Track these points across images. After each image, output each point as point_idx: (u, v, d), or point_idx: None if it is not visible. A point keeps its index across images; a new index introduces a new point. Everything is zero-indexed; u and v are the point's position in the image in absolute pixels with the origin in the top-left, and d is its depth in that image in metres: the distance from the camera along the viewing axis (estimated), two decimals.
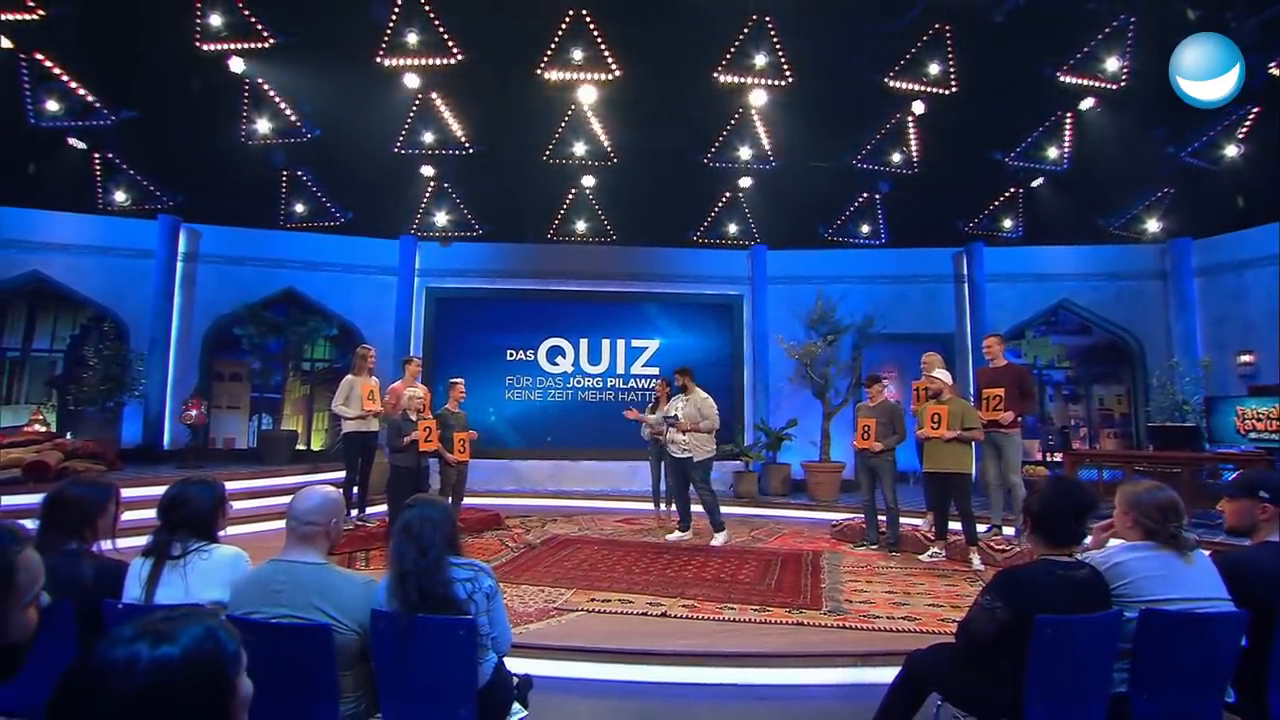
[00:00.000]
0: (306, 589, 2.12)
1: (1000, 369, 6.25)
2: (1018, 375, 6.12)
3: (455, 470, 6.94)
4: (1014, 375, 6.10)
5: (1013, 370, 6.27)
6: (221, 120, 9.19)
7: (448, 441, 6.67)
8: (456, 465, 6.89)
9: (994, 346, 6.35)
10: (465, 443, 6.91)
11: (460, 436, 6.85)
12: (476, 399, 10.42)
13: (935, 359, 6.82)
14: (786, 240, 11.22)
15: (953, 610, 4.45)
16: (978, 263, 10.62)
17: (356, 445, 6.68)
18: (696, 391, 6.75)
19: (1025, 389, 6.00)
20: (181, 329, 9.74)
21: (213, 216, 9.99)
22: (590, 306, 10.99)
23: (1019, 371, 6.30)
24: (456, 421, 6.96)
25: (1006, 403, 5.86)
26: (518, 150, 10.18)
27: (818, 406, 9.95)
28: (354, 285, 10.54)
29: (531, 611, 4.43)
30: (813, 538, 7.34)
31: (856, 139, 10.30)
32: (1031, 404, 6.29)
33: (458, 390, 7.21)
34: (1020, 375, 6.14)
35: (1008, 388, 5.90)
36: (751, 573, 5.55)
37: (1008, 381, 5.97)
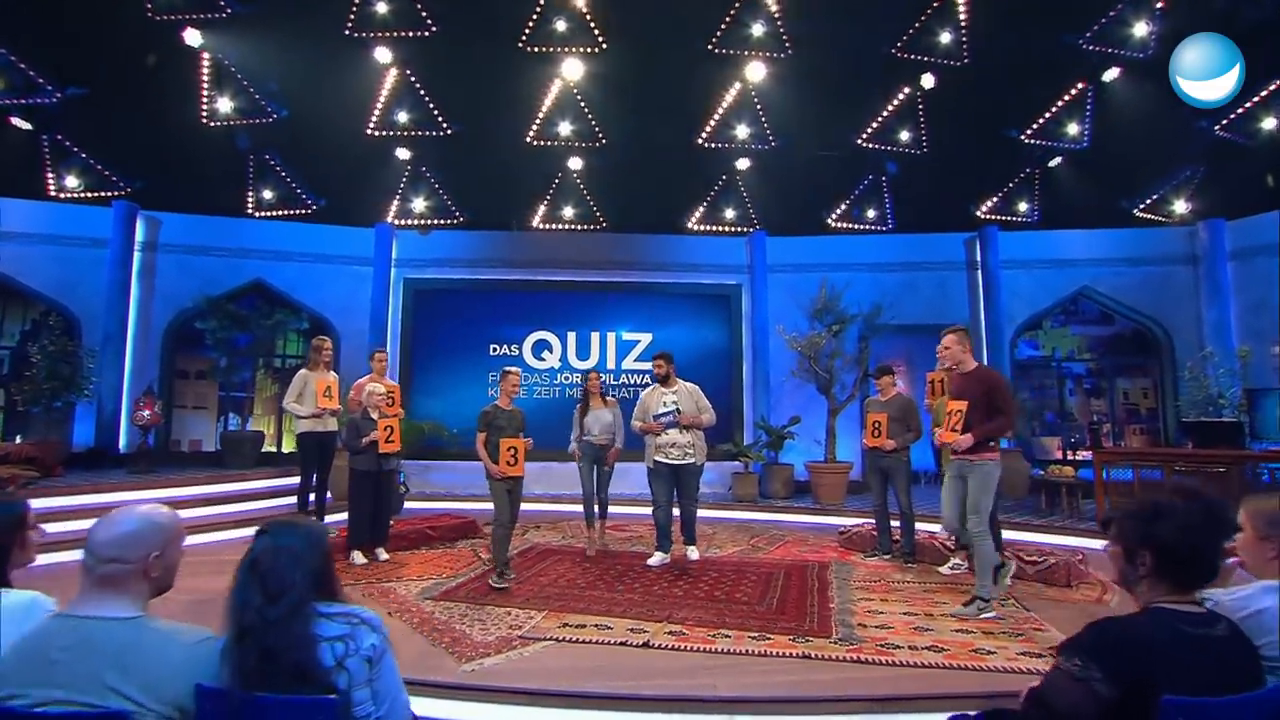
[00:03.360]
0: (98, 658, 1.46)
1: (967, 375, 4.48)
2: (988, 385, 4.31)
3: (503, 487, 5.13)
4: (983, 384, 4.33)
5: (982, 377, 4.43)
6: (179, 99, 8.56)
7: (494, 450, 5.13)
8: (502, 480, 5.11)
9: (953, 346, 4.49)
10: (515, 453, 5.08)
11: (509, 444, 5.06)
12: (458, 396, 9.80)
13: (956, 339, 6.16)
14: (787, 226, 10.56)
15: (985, 638, 3.79)
16: (992, 248, 9.95)
17: (311, 447, 6.04)
18: (682, 381, 5.83)
19: (996, 402, 4.25)
20: (140, 323, 9.09)
21: (174, 203, 9.34)
22: (579, 298, 10.33)
23: (991, 380, 4.38)
24: (509, 423, 5.28)
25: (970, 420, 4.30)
26: (499, 131, 9.54)
27: (822, 402, 9.30)
28: (326, 276, 9.89)
29: (491, 641, 3.78)
30: (819, 546, 6.68)
31: (862, 117, 9.65)
32: (1004, 424, 4.27)
33: (510, 382, 5.42)
34: (992, 386, 4.32)
35: (973, 399, 4.30)
36: (751, 590, 4.89)
37: (973, 392, 4.33)
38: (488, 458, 5.17)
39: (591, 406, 6.14)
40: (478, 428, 5.25)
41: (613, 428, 6.07)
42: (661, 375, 5.78)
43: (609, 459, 6.11)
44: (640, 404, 5.86)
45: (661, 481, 5.64)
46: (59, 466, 7.24)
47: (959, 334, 4.54)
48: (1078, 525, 6.60)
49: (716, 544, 6.68)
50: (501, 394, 5.45)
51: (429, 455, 9.41)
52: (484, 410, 5.33)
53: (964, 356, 4.47)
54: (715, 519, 8.15)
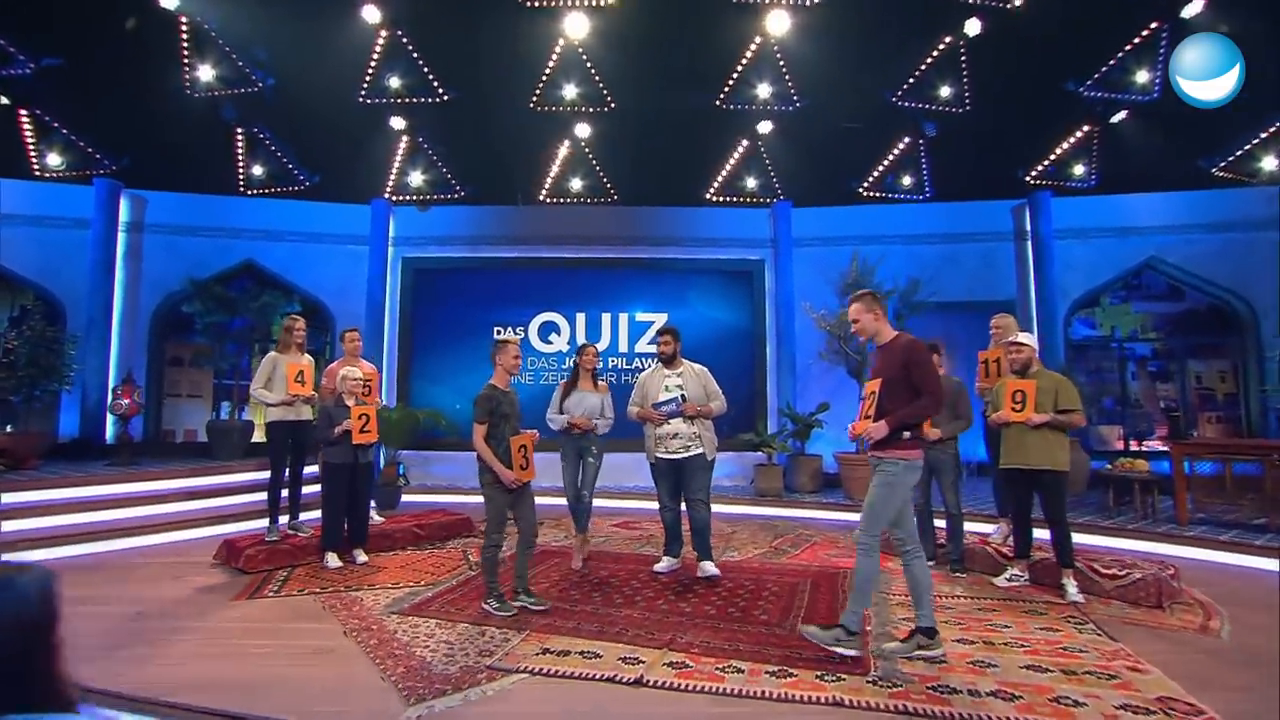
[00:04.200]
0: None
1: (883, 348, 3.55)
2: (905, 357, 3.37)
3: (506, 499, 4.05)
4: (900, 357, 3.39)
5: (901, 348, 3.42)
6: (159, 69, 8.03)
7: (500, 447, 3.99)
8: (516, 488, 4.04)
9: (862, 316, 3.54)
10: (526, 451, 4.06)
11: (519, 442, 4.04)
12: (460, 382, 9.21)
13: (1010, 322, 5.35)
14: (814, 196, 9.69)
15: (1066, 680, 3.00)
16: (1044, 216, 8.94)
17: (282, 438, 5.45)
18: (687, 362, 4.97)
19: (914, 379, 3.33)
20: (126, 308, 8.66)
21: (160, 181, 8.86)
22: (588, 276, 9.62)
23: (910, 352, 3.37)
24: (513, 409, 4.12)
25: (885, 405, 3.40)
26: (499, 96, 8.83)
27: (853, 387, 8.46)
28: (321, 256, 9.34)
29: (452, 673, 3.12)
30: (850, 548, 5.90)
31: (897, 72, 8.70)
32: (927, 405, 3.34)
33: (509, 355, 4.23)
34: (911, 359, 3.35)
35: (889, 378, 3.41)
36: (771, 605, 4.16)
37: (890, 369, 3.42)
38: (494, 458, 3.98)
39: (579, 386, 5.20)
40: (476, 417, 4.03)
41: (596, 414, 5.13)
42: (667, 354, 4.93)
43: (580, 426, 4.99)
44: (638, 387, 4.98)
45: (664, 480, 4.86)
46: (33, 459, 6.82)
47: (865, 300, 3.58)
48: (1155, 529, 5.70)
49: (735, 545, 5.97)
50: (498, 371, 4.19)
51: (428, 445, 8.85)
52: (482, 394, 4.06)
53: (878, 326, 3.56)
54: (735, 515, 7.43)
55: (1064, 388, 4.35)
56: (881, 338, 3.57)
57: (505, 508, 4.09)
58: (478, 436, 4.03)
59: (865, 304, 3.58)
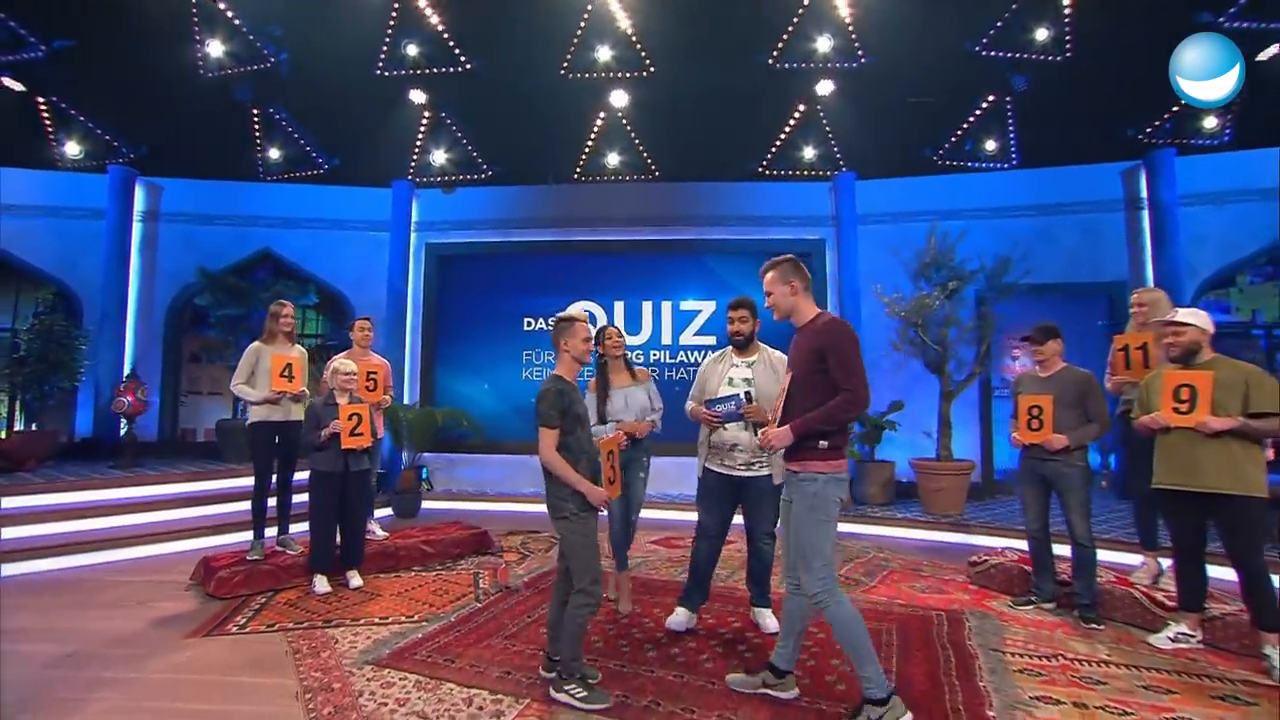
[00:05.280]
0: None
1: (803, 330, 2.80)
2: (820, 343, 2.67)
3: (593, 524, 2.98)
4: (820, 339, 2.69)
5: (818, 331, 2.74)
6: (169, 47, 7.53)
7: (581, 456, 2.94)
8: (595, 510, 2.97)
9: (775, 288, 2.81)
10: (613, 457, 3.09)
11: (609, 445, 3.07)
12: (487, 378, 8.48)
13: (1159, 296, 4.19)
14: (882, 166, 8.53)
15: None
16: (1165, 180, 7.53)
17: (266, 441, 4.75)
18: (766, 348, 3.69)
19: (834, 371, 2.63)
20: (141, 301, 8.27)
21: (174, 168, 8.43)
22: (627, 261, 8.72)
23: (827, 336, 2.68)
24: (584, 408, 3.09)
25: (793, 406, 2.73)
26: (527, 62, 7.99)
27: (929, 383, 7.32)
28: (340, 243, 8.75)
29: None
30: (939, 579, 4.83)
31: (981, 18, 7.45)
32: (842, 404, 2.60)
33: (576, 339, 3.04)
34: (825, 345, 2.65)
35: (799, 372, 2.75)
36: (849, 666, 3.15)
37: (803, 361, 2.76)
38: (576, 474, 2.86)
39: (613, 382, 4.11)
40: (542, 419, 2.86)
41: (648, 410, 4.11)
42: (743, 336, 3.62)
43: (636, 432, 3.93)
44: (699, 377, 3.79)
45: (713, 501, 3.64)
46: (31, 460, 6.39)
47: (781, 269, 2.81)
48: None
49: None
50: (565, 359, 3.02)
51: (452, 447, 8.15)
52: (549, 389, 2.89)
53: (795, 302, 2.79)
54: None
55: (1258, 382, 3.17)
56: (800, 316, 2.81)
57: (596, 543, 2.96)
58: (547, 445, 2.86)
59: (781, 273, 2.81)
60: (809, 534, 2.63)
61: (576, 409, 2.98)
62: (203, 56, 7.68)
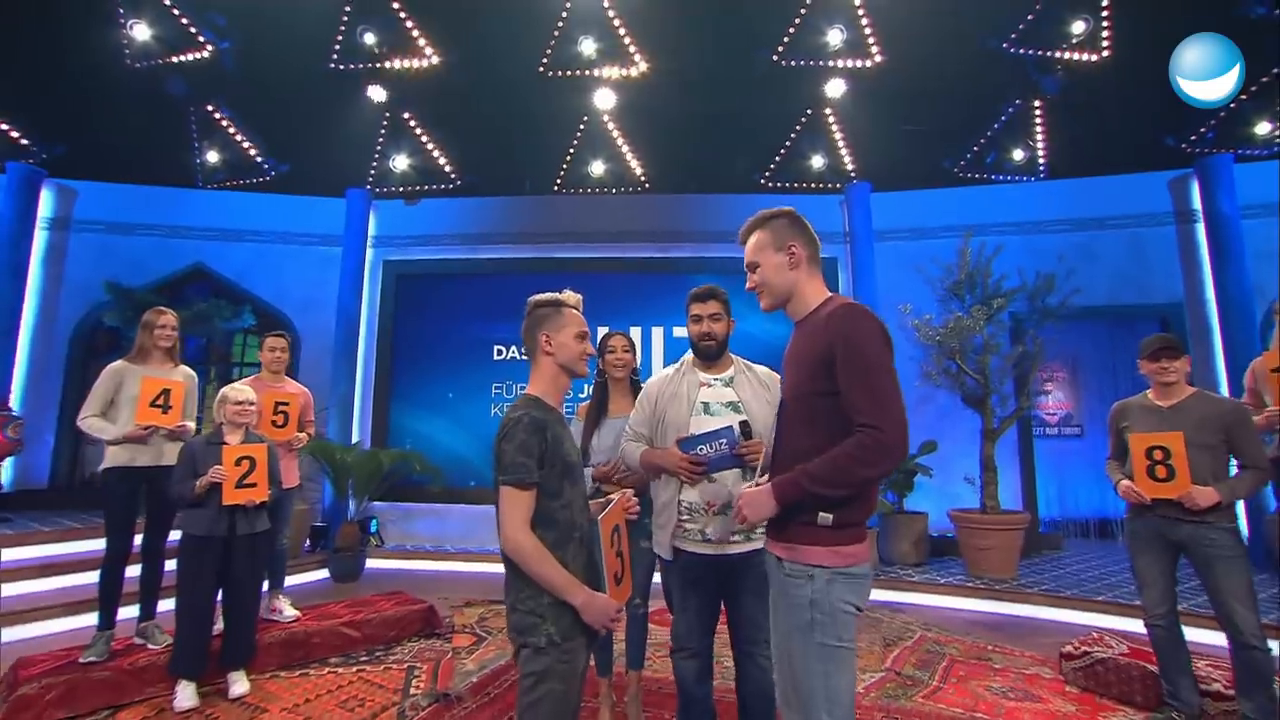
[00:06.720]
0: None
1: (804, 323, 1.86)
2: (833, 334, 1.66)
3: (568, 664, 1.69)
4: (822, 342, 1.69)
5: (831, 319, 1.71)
6: (86, 28, 6.55)
7: (580, 540, 1.78)
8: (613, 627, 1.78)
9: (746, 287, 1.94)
10: (619, 537, 1.89)
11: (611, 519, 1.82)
12: (452, 414, 7.32)
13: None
14: (899, 176, 7.66)
15: None
16: (1223, 189, 6.70)
17: (126, 493, 3.53)
18: (741, 360, 2.54)
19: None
20: (41, 320, 7.05)
21: (93, 170, 7.34)
22: (613, 282, 7.69)
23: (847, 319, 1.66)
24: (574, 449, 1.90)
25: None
26: (501, 57, 7.10)
27: (966, 420, 6.32)
28: (285, 259, 7.65)
29: None
30: (1018, 672, 3.68)
31: (1009, 12, 6.71)
32: None
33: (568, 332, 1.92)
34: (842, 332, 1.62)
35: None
36: None
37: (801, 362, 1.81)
38: (564, 574, 1.67)
39: (611, 410, 3.02)
40: (511, 474, 1.67)
41: None
42: (715, 341, 2.45)
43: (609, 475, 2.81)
44: (647, 403, 2.47)
45: (689, 597, 2.31)
46: None
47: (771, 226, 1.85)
48: None
49: None
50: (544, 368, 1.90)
51: (407, 495, 6.93)
52: (521, 419, 1.72)
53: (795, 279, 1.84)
54: None
55: None
56: (801, 303, 1.80)
57: (579, 702, 1.75)
58: (515, 519, 1.66)
59: (773, 233, 1.80)
60: (811, 669, 1.51)
61: (564, 453, 1.77)
62: (128, 42, 6.70)
